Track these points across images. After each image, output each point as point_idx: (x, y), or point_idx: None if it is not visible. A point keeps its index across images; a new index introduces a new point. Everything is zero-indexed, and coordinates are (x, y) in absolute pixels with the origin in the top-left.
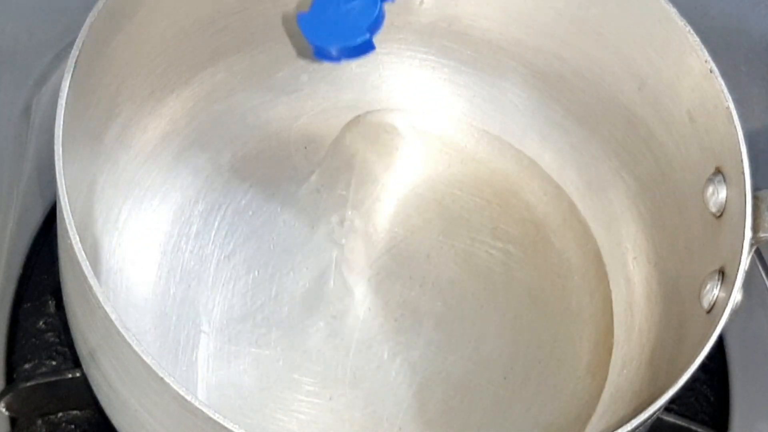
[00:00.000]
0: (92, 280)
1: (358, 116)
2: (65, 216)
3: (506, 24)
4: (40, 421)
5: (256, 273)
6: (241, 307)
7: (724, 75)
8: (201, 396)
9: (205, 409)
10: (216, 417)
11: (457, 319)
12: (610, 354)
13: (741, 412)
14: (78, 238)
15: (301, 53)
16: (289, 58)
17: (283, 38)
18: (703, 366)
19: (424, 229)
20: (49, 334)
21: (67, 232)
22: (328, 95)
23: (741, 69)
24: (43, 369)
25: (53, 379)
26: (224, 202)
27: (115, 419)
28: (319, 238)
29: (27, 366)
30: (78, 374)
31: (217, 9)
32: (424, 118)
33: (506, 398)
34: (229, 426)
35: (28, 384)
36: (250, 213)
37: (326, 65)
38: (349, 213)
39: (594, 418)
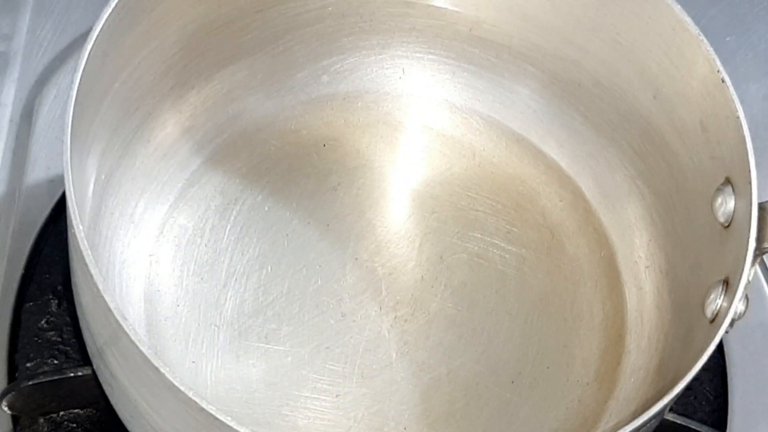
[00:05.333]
0: (93, 269)
1: (378, 117)
2: (69, 205)
3: (526, 30)
4: (42, 420)
5: (269, 269)
6: (253, 302)
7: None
8: (209, 389)
9: (198, 400)
10: (209, 408)
11: (467, 321)
12: (619, 362)
13: (739, 411)
14: (81, 227)
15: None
16: (310, 58)
17: (304, 38)
18: (702, 365)
19: (438, 230)
20: (52, 332)
21: (71, 221)
22: (349, 96)
23: (740, 70)
24: (45, 368)
25: (55, 377)
26: (241, 198)
27: (119, 411)
28: (334, 236)
29: (29, 365)
30: (80, 373)
31: (239, 7)
32: (442, 121)
33: (513, 402)
34: (220, 416)
35: (31, 383)
36: (266, 209)
37: (346, 66)
38: (365, 212)
39: (600, 426)
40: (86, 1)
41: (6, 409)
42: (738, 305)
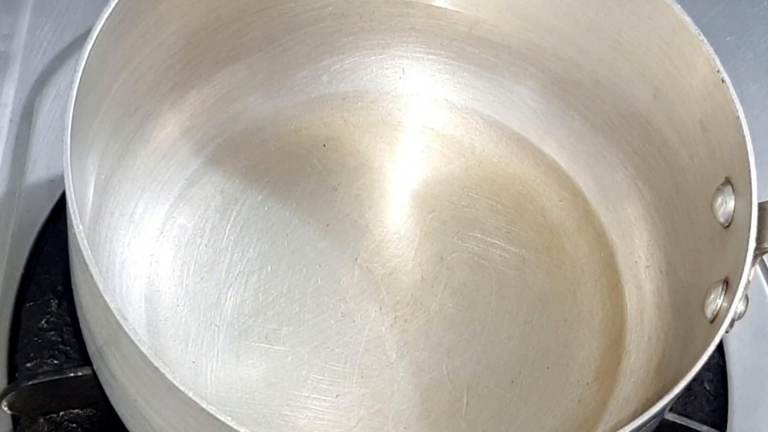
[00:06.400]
0: (93, 269)
1: (378, 117)
2: (69, 205)
3: (526, 30)
4: (42, 420)
5: (269, 269)
6: (253, 302)
7: None
8: (209, 389)
9: (198, 400)
10: (209, 408)
11: (467, 321)
12: (619, 362)
13: (739, 411)
14: (81, 227)
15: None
16: (309, 58)
17: (304, 38)
18: (702, 365)
19: (438, 230)
20: (52, 332)
21: (71, 221)
22: (348, 96)
23: (740, 70)
24: (46, 368)
25: (55, 377)
26: (241, 198)
27: (119, 411)
28: (334, 236)
29: (29, 365)
30: (80, 373)
31: (238, 7)
32: (442, 121)
33: (513, 402)
34: (220, 416)
35: (31, 383)
36: (266, 209)
37: (346, 66)
38: (365, 212)
39: (600, 426)
40: (86, 1)
41: (6, 409)
42: (738, 305)
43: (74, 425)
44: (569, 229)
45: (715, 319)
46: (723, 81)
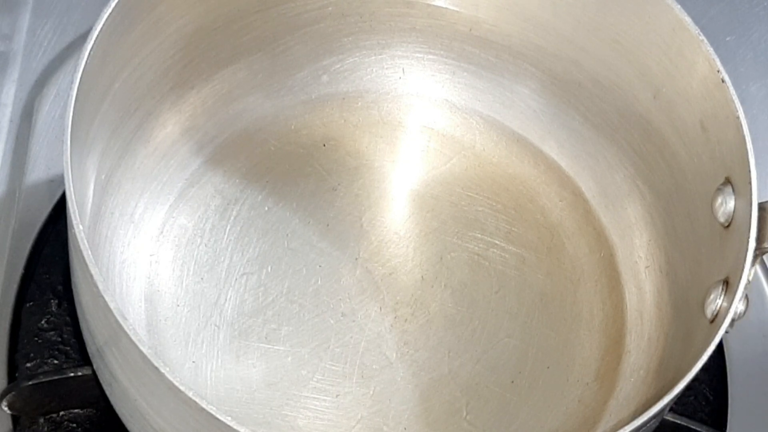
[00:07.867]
0: (93, 269)
1: (378, 117)
2: (69, 205)
3: (526, 30)
4: (42, 420)
5: (269, 269)
6: (253, 302)
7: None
8: (209, 389)
9: (198, 400)
10: (209, 408)
11: (467, 321)
12: (619, 361)
13: (739, 411)
14: (81, 227)
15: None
16: (309, 58)
17: (304, 38)
18: (702, 365)
19: (438, 230)
20: (52, 332)
21: (71, 221)
22: (348, 96)
23: (740, 70)
24: (45, 367)
25: (55, 377)
26: (241, 198)
27: (119, 411)
28: (334, 236)
29: (29, 364)
30: (80, 373)
31: (238, 7)
32: (442, 121)
33: (513, 402)
34: (220, 416)
35: (31, 383)
36: (266, 209)
37: (346, 66)
38: (365, 212)
39: (600, 426)
40: (86, 1)
41: (6, 409)
42: (738, 305)
43: (74, 425)
44: (569, 229)
45: (715, 319)
46: (723, 81)
